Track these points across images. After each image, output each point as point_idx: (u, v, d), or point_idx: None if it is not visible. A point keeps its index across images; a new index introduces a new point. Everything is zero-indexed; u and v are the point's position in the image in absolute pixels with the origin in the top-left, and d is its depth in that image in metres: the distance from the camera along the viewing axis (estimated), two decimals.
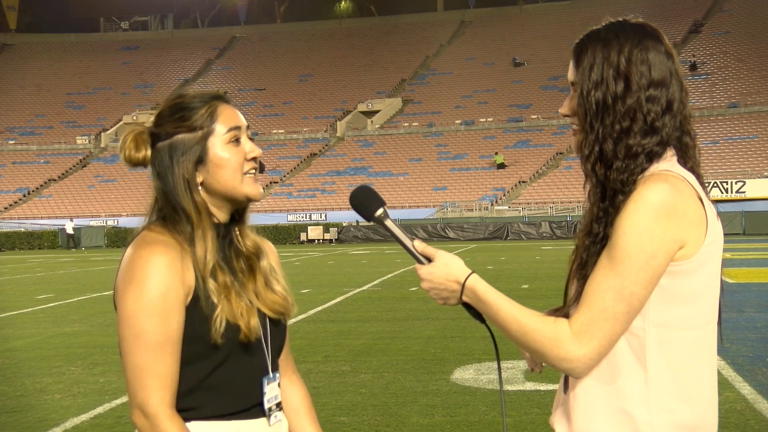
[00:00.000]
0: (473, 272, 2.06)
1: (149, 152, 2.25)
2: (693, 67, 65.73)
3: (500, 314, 2.02)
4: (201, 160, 2.22)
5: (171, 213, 2.22)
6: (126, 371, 2.15)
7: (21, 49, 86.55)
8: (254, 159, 2.26)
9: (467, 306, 2.09)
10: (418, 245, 2.10)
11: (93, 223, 56.84)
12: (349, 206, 2.21)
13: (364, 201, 2.17)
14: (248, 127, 2.29)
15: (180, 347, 2.15)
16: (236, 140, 2.24)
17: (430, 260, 2.09)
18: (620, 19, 2.11)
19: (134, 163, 2.26)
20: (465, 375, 8.57)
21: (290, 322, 2.41)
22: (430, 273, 2.07)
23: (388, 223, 2.15)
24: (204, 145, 2.21)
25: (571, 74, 2.11)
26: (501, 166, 59.19)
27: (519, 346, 2.07)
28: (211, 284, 2.17)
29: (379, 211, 2.15)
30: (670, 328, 2.00)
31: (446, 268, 2.06)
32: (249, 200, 2.27)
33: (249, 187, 2.24)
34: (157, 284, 2.11)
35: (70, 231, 51.10)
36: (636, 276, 1.94)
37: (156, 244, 2.15)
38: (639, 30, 2.07)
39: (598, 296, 1.96)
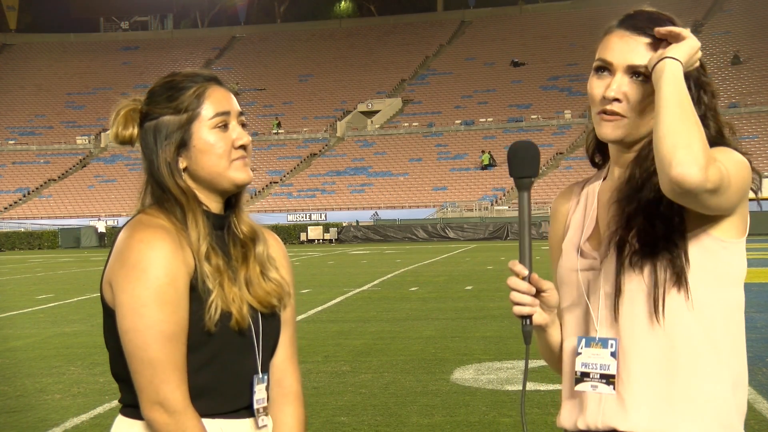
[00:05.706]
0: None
1: (136, 131, 2.13)
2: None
3: (685, 98, 1.87)
4: (184, 145, 2.10)
5: (161, 195, 2.11)
6: (137, 365, 2.00)
7: (21, 49, 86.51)
8: (243, 147, 2.12)
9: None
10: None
11: (93, 222, 56.85)
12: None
13: (526, 160, 2.00)
14: (241, 113, 2.15)
15: (186, 339, 2.03)
16: (224, 125, 2.11)
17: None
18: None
19: (121, 141, 2.14)
20: (465, 375, 8.57)
21: None
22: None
23: (524, 196, 2.00)
24: (188, 129, 2.09)
25: (640, 59, 1.97)
26: (487, 167, 59.13)
27: (656, 130, 1.85)
28: (207, 268, 2.05)
29: (528, 180, 2.00)
30: (732, 309, 2.10)
31: None
32: (237, 186, 2.13)
33: (236, 171, 2.10)
34: (165, 271, 1.99)
35: (102, 230, 51.23)
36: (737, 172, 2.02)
37: (156, 228, 2.03)
38: None
39: (728, 165, 1.95)
